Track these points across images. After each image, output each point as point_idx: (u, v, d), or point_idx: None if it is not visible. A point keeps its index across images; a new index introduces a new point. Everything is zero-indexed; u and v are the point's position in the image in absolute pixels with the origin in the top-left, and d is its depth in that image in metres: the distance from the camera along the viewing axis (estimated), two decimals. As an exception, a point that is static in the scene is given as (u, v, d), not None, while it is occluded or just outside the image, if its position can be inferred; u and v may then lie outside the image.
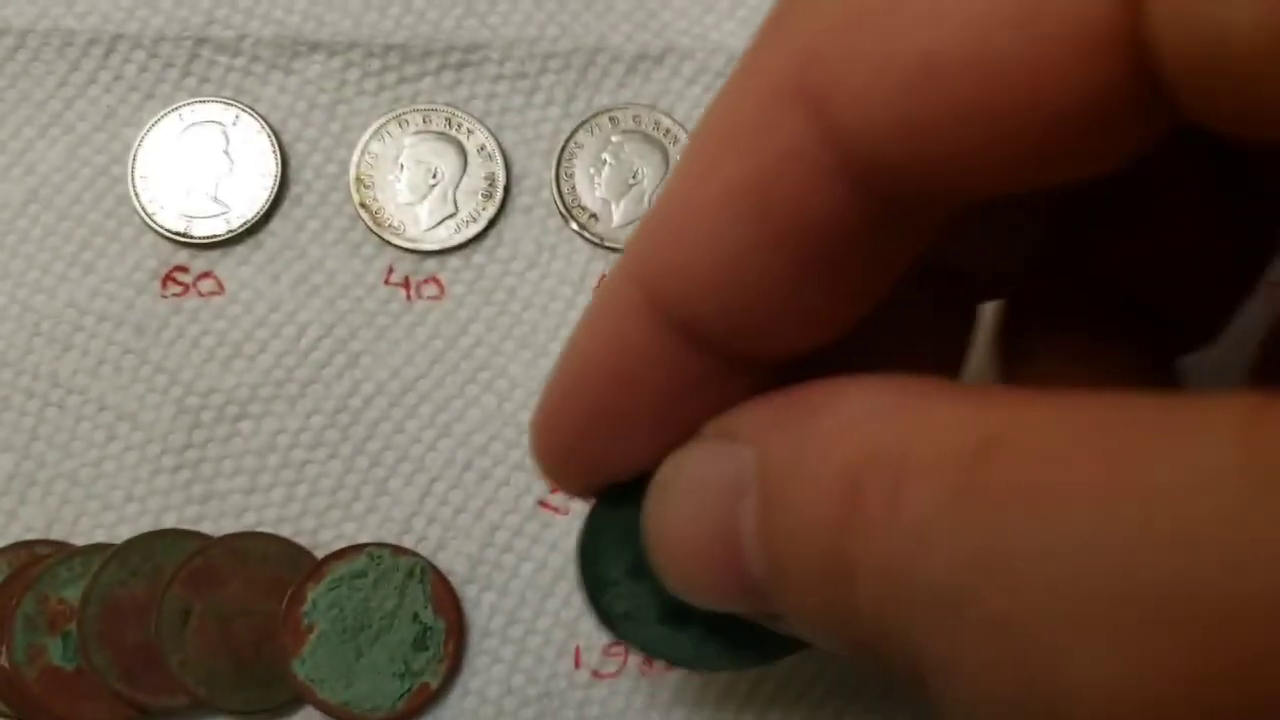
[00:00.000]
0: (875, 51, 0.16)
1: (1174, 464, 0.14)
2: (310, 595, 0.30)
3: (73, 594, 0.30)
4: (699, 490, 0.21)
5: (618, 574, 0.26)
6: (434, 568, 0.31)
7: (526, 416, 0.32)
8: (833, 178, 0.17)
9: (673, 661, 0.26)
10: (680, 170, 0.19)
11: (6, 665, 0.30)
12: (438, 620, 0.31)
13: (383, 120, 0.33)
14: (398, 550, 0.31)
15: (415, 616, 0.31)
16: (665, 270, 0.19)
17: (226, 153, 0.33)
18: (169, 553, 0.31)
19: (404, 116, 0.33)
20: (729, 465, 0.20)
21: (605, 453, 0.22)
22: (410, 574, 0.31)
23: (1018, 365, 0.23)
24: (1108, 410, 0.15)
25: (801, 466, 0.18)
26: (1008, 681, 0.15)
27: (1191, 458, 0.14)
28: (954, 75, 0.16)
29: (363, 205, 0.33)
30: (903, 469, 0.16)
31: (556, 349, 0.32)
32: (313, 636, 0.30)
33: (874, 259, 0.19)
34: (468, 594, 0.31)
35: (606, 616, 0.26)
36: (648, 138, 0.33)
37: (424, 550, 0.31)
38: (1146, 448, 0.14)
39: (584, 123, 0.33)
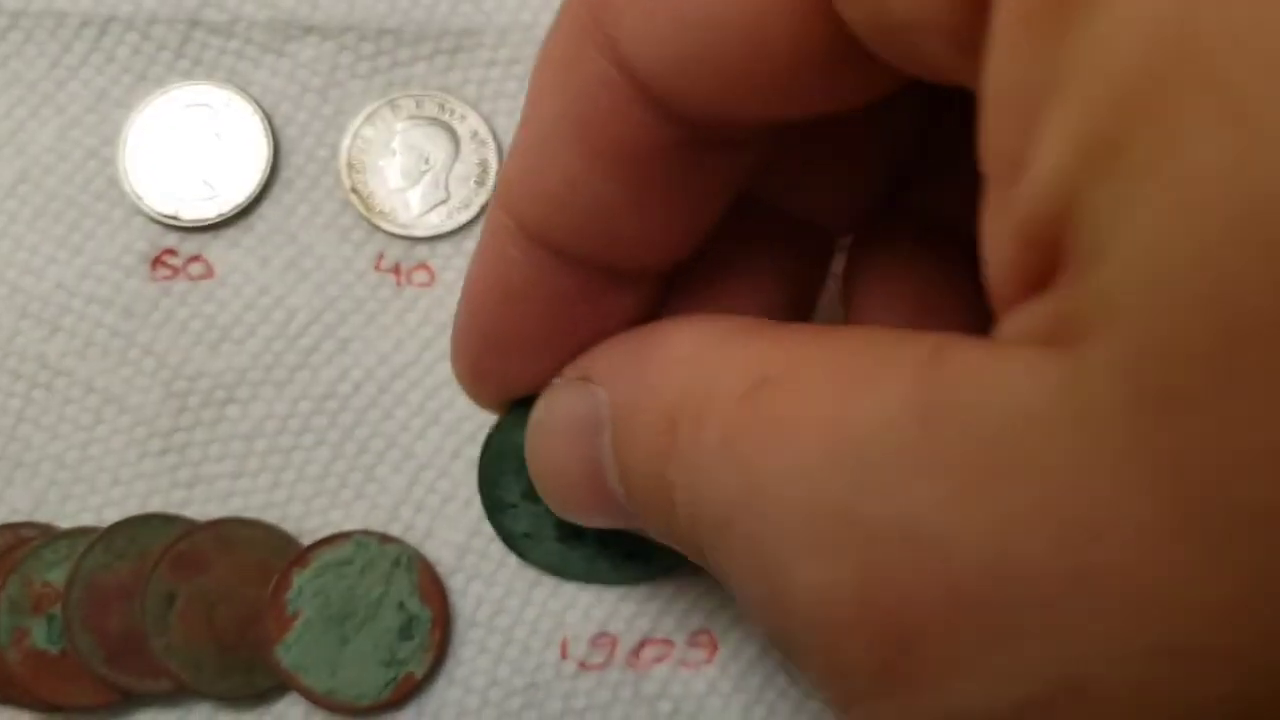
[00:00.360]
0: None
1: (865, 399, 0.16)
2: (296, 581, 0.30)
3: (57, 577, 0.30)
4: (566, 428, 0.24)
5: (514, 496, 0.31)
6: (421, 556, 0.31)
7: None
8: (634, 104, 0.20)
9: (570, 578, 0.31)
10: (525, 105, 0.22)
11: (-10, 647, 0.30)
12: (424, 609, 0.30)
13: (375, 105, 0.33)
14: (385, 538, 0.31)
15: (401, 605, 0.30)
16: (521, 194, 0.22)
17: (217, 135, 0.33)
18: (154, 537, 0.30)
19: (396, 101, 0.33)
20: (589, 405, 0.23)
21: (509, 369, 0.25)
22: (397, 562, 0.31)
23: (858, 305, 0.25)
24: (848, 349, 0.17)
25: (637, 404, 0.21)
26: (758, 590, 0.17)
27: (879, 393, 0.16)
28: (700, 26, 0.18)
29: (354, 190, 0.32)
30: (702, 407, 0.19)
31: (547, 337, 0.32)
32: (297, 623, 0.30)
33: (696, 183, 0.21)
34: (454, 583, 0.31)
35: (508, 537, 0.30)
36: (642, 125, 0.33)
37: (411, 539, 0.31)
38: (856, 383, 0.16)
39: (578, 109, 0.33)
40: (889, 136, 0.25)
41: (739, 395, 0.18)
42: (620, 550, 0.30)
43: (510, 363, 0.25)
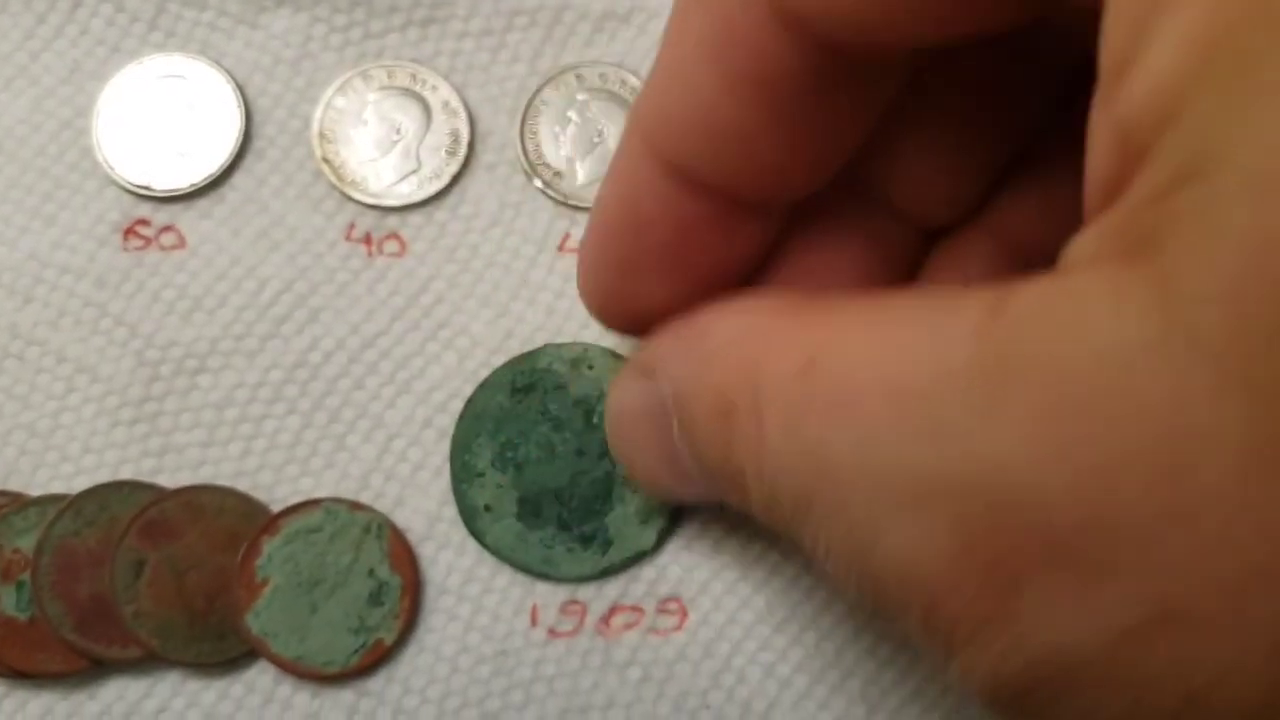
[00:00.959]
0: None
1: (926, 357, 0.16)
2: (265, 549, 0.30)
3: (27, 544, 0.30)
4: (638, 421, 0.25)
5: (483, 463, 0.31)
6: (391, 524, 0.31)
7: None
8: (775, 27, 0.19)
9: (522, 566, 0.31)
10: (666, 28, 0.22)
11: (-41, 613, 0.30)
12: (394, 576, 0.31)
13: (347, 75, 0.33)
14: (355, 505, 0.31)
15: (371, 572, 0.30)
16: (656, 119, 0.22)
17: (190, 106, 0.33)
18: (124, 504, 0.30)
19: (368, 72, 0.33)
20: (653, 397, 0.23)
21: (635, 292, 0.25)
22: (367, 530, 0.31)
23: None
24: (900, 311, 0.17)
25: (693, 394, 0.21)
26: (847, 559, 0.17)
27: (940, 349, 0.16)
28: None
29: (325, 160, 0.33)
30: (757, 391, 0.19)
31: (519, 308, 0.32)
32: (267, 590, 0.30)
33: (832, 116, 0.21)
34: (425, 551, 0.31)
35: (469, 512, 0.31)
36: (613, 96, 0.33)
37: (382, 507, 0.31)
38: (914, 343, 0.16)
39: (549, 80, 0.33)
40: (998, 136, 0.25)
41: (793, 375, 0.18)
42: (579, 535, 0.31)
43: (637, 286, 0.25)
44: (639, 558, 0.31)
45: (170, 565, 0.30)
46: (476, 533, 0.31)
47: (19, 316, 0.32)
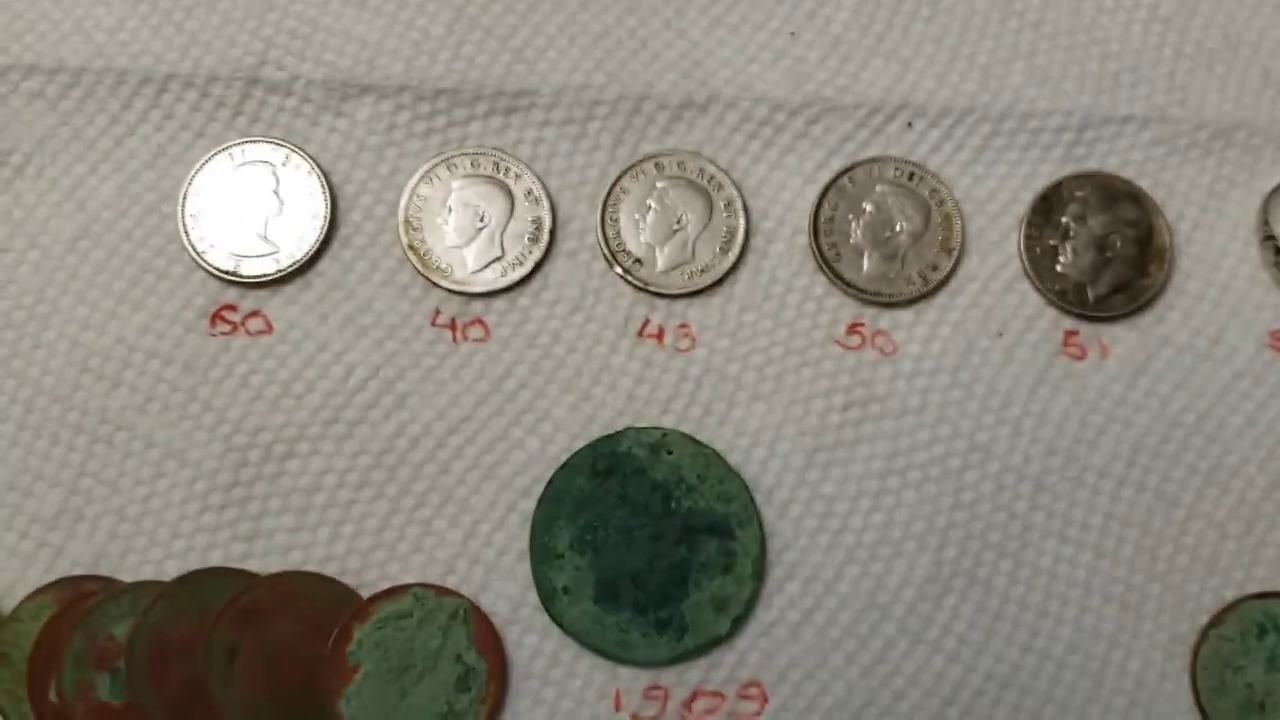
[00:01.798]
0: None
1: None
2: (356, 634, 0.31)
3: (121, 631, 0.30)
4: None
5: (563, 545, 0.32)
6: (477, 608, 0.31)
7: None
8: None
9: (598, 650, 0.31)
10: None
11: (57, 701, 0.30)
12: (480, 661, 0.31)
13: (431, 163, 0.33)
14: (442, 591, 0.31)
15: (458, 657, 0.31)
16: None
17: (276, 193, 0.33)
18: (216, 591, 0.31)
19: (452, 160, 0.34)
20: None
21: None
22: (454, 615, 0.31)
23: None
24: None
25: None
26: None
27: None
28: None
29: (411, 247, 0.33)
30: None
31: (599, 393, 0.33)
32: (358, 676, 0.31)
33: None
34: (510, 635, 0.31)
35: (547, 594, 0.32)
36: (692, 184, 0.34)
37: (467, 591, 0.32)
38: None
39: (629, 168, 0.34)
40: None
41: None
42: (655, 619, 0.31)
43: None
44: (713, 644, 0.31)
45: (262, 651, 0.30)
46: (555, 615, 0.31)
47: (107, 401, 0.32)
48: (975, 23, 0.35)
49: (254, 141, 0.33)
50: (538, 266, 0.33)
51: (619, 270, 0.33)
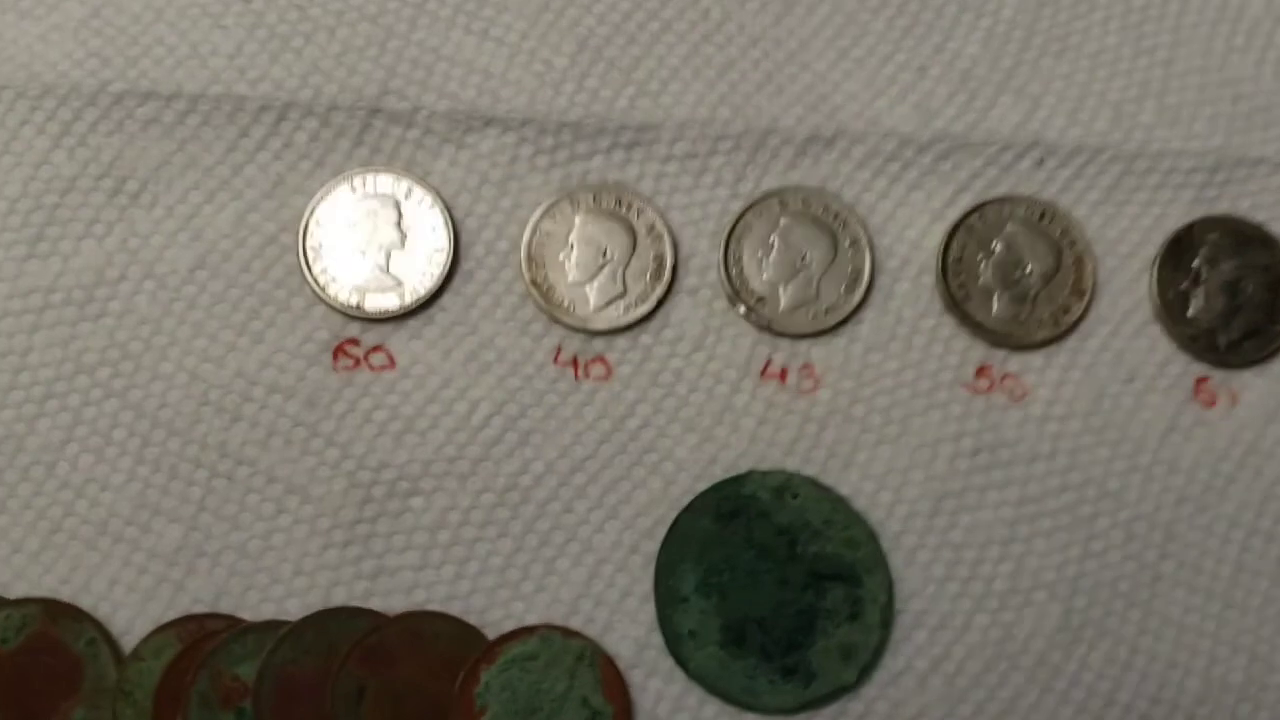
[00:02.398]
0: None
1: None
2: (484, 676, 0.30)
3: (247, 671, 0.30)
4: None
5: (688, 589, 0.32)
6: (602, 651, 0.31)
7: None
8: None
9: (724, 695, 0.31)
10: None
11: (184, 742, 0.30)
12: (607, 705, 0.31)
13: (554, 198, 0.33)
14: (567, 633, 0.31)
15: (585, 701, 0.31)
16: None
17: (399, 226, 0.33)
18: (343, 630, 0.30)
19: (575, 195, 0.33)
20: None
21: None
22: (580, 657, 0.31)
23: None
24: None
25: None
26: None
27: None
28: None
29: (534, 283, 0.33)
30: None
31: (722, 434, 0.32)
32: (485, 718, 0.30)
33: None
34: (634, 678, 0.31)
35: (673, 637, 0.31)
36: (816, 221, 0.33)
37: (591, 632, 0.31)
38: None
39: (752, 205, 0.33)
40: None
41: None
42: (781, 666, 0.31)
43: None
44: (840, 692, 0.31)
45: (389, 692, 0.30)
46: (680, 659, 0.31)
47: (228, 435, 0.32)
48: (1105, 59, 0.34)
49: (377, 171, 0.33)
50: (659, 304, 0.33)
51: (741, 309, 0.33)
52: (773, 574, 0.31)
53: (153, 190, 0.33)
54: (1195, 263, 0.33)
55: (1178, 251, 0.33)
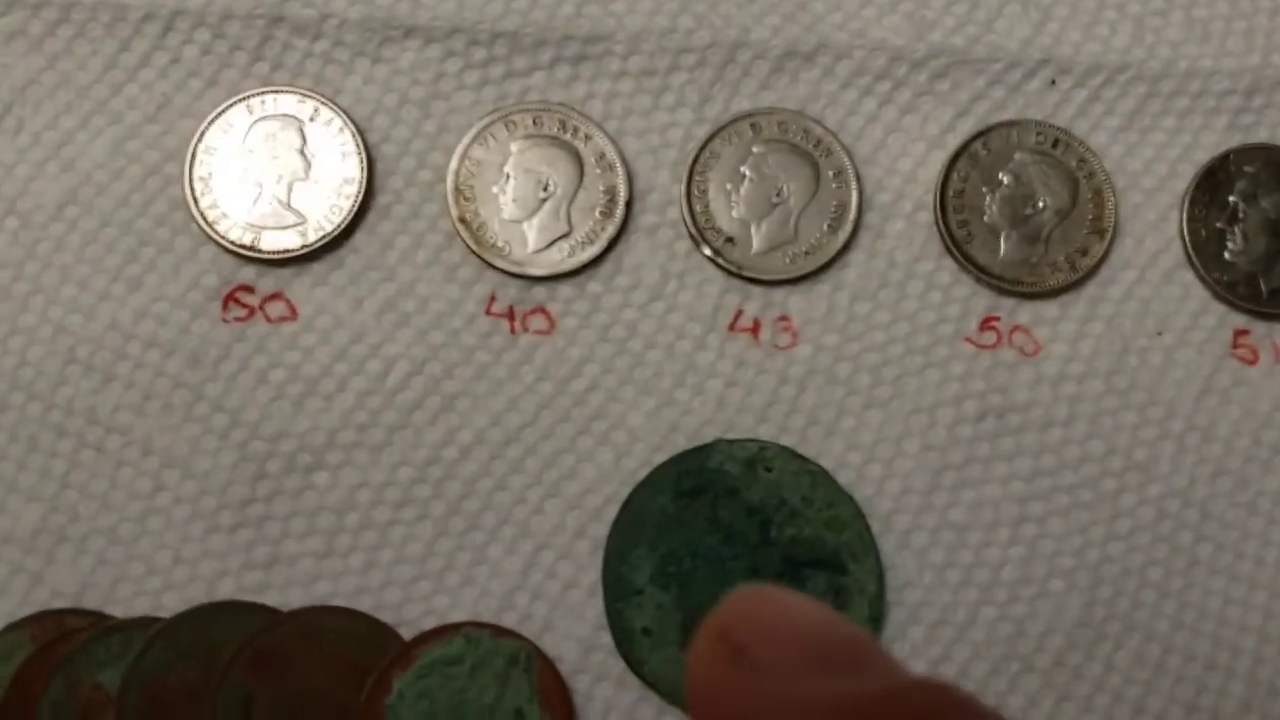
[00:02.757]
0: None
1: None
2: (396, 684, 0.26)
3: (111, 678, 0.26)
4: None
5: (642, 579, 0.28)
6: (540, 653, 0.27)
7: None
8: None
9: (684, 703, 0.27)
10: None
11: (30, 764, 0.25)
12: (544, 715, 0.26)
13: (486, 121, 0.28)
14: (498, 631, 0.27)
15: (518, 712, 0.26)
16: None
17: (303, 153, 0.28)
18: (227, 630, 0.26)
19: (511, 117, 0.28)
20: None
21: None
22: (513, 660, 0.26)
23: None
24: None
25: None
26: None
27: None
28: None
29: (462, 220, 0.28)
30: None
31: (684, 397, 0.28)
32: (398, 734, 0.26)
33: None
34: (578, 685, 0.27)
35: (624, 635, 0.27)
36: (794, 149, 0.29)
37: (528, 632, 0.27)
38: None
39: (720, 130, 0.29)
40: None
41: None
42: None
43: None
44: None
45: (282, 703, 0.26)
46: (634, 661, 0.27)
47: (98, 399, 0.27)
48: (1127, -34, 0.30)
49: (277, 91, 0.28)
50: (611, 245, 0.28)
51: (707, 251, 0.28)
52: (742, 561, 0.27)
53: (17, 114, 0.28)
54: (1231, 198, 0.29)
55: (1211, 185, 0.29)
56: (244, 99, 0.28)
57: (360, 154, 0.28)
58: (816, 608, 0.17)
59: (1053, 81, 0.29)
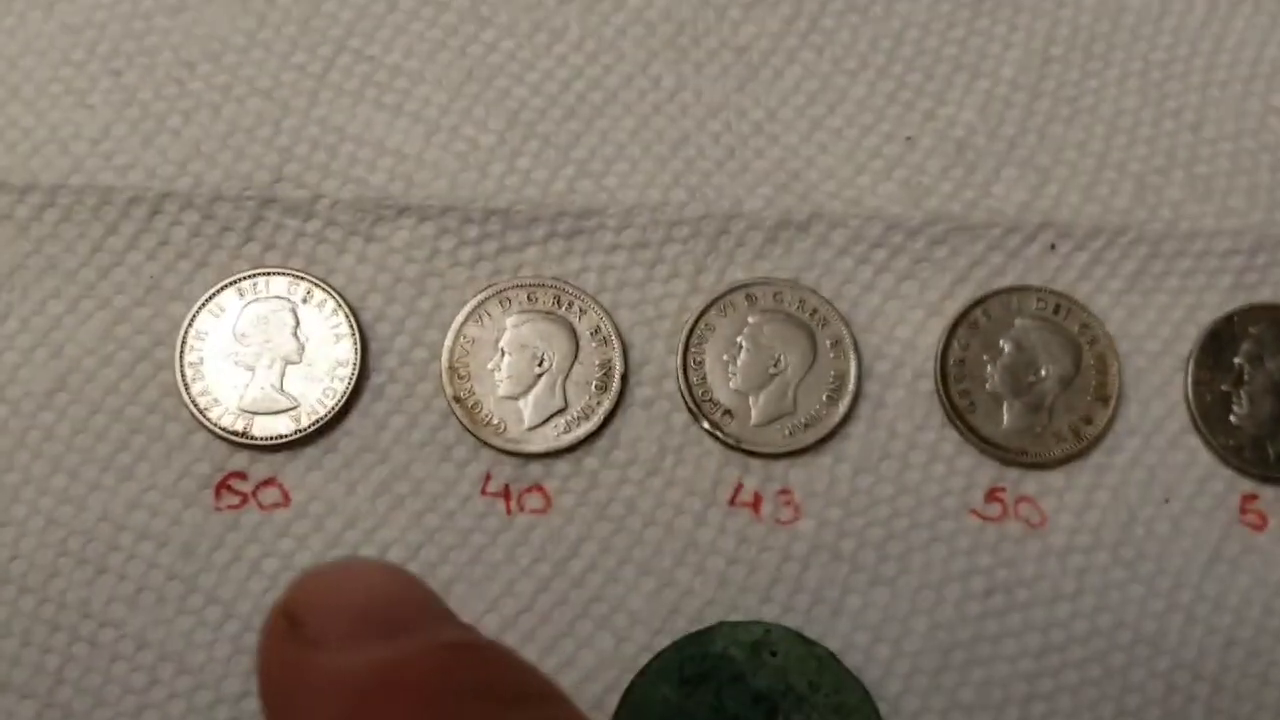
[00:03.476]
0: None
1: None
2: None
3: None
4: None
5: None
6: None
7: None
8: None
9: None
10: None
11: None
12: None
13: (481, 297, 0.28)
14: (499, 829, 0.26)
15: None
16: None
17: (296, 335, 0.28)
18: (223, 836, 0.25)
19: (505, 294, 0.28)
20: None
21: None
22: None
23: None
24: None
25: None
26: None
27: None
28: None
29: (456, 399, 0.28)
30: None
31: (685, 577, 0.27)
32: None
33: None
34: None
35: None
36: (791, 319, 0.28)
37: (530, 826, 0.26)
38: None
39: (715, 301, 0.28)
40: None
41: None
42: None
43: None
44: None
45: None
46: None
47: (90, 592, 0.27)
48: (1124, 125, 0.30)
49: (268, 273, 0.28)
50: (607, 420, 0.28)
51: (705, 425, 0.28)
52: None
53: (4, 299, 0.28)
54: (1237, 360, 0.28)
55: (1216, 347, 0.28)
56: (235, 282, 0.28)
57: (354, 335, 0.28)
58: (381, 576, 0.19)
59: (1053, 245, 0.29)
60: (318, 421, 0.27)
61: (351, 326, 0.28)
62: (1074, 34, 0.30)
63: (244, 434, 0.27)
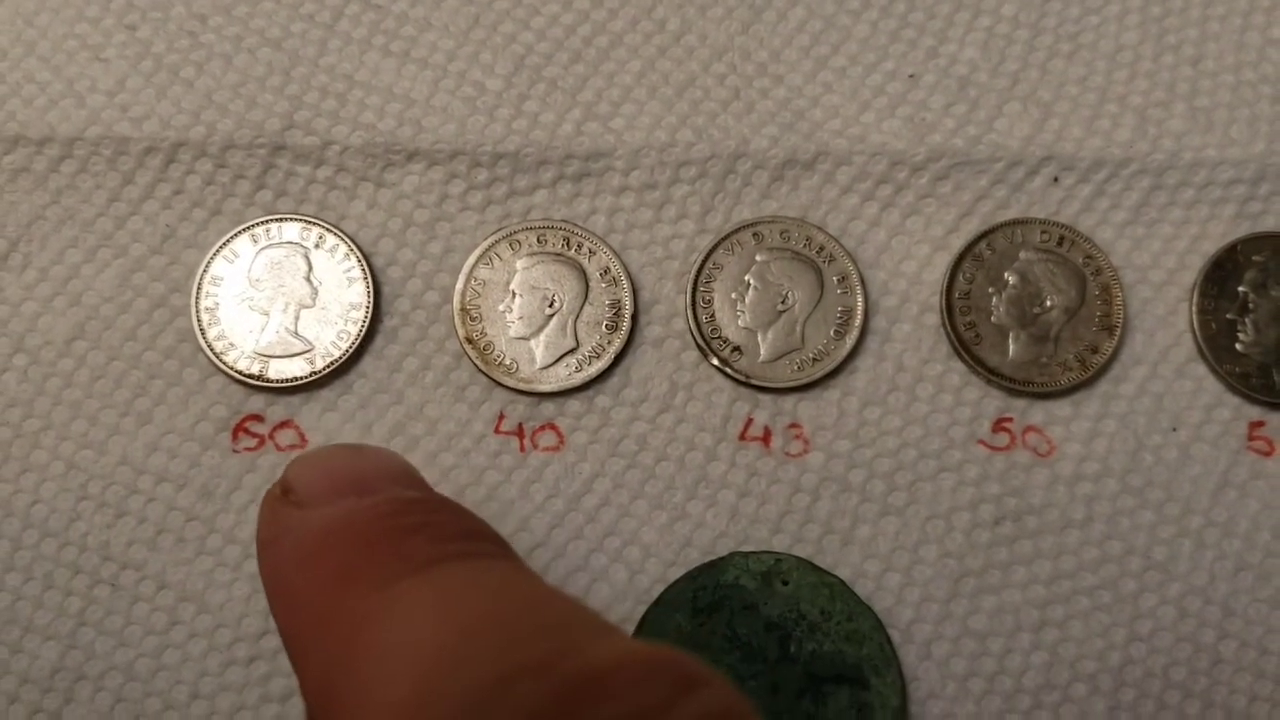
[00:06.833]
0: None
1: None
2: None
3: (131, 821, 0.25)
4: None
5: None
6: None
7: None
8: None
9: None
10: None
11: None
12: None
13: (491, 240, 0.28)
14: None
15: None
16: None
17: (309, 279, 0.28)
18: (246, 768, 0.26)
19: (515, 236, 0.28)
20: None
21: None
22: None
23: None
24: None
25: None
26: None
27: None
28: None
29: (468, 340, 0.28)
30: None
31: (697, 510, 0.28)
32: None
33: None
34: (601, 809, 0.26)
35: None
36: (798, 255, 0.29)
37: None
38: None
39: (723, 240, 0.29)
40: None
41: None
42: None
43: None
44: None
45: (303, 842, 0.25)
46: None
47: (110, 535, 0.27)
48: (1124, 59, 0.30)
49: (281, 219, 0.28)
50: (618, 359, 0.28)
51: (714, 361, 0.28)
52: (762, 679, 0.26)
53: (24, 250, 0.28)
54: (1241, 288, 0.29)
55: (1220, 276, 0.29)
56: (248, 228, 0.28)
57: (366, 279, 0.28)
58: (365, 454, 0.23)
59: (1056, 179, 0.29)
60: (332, 364, 0.28)
61: (364, 270, 0.28)
62: (1074, -26, 0.31)
63: (260, 377, 0.28)
